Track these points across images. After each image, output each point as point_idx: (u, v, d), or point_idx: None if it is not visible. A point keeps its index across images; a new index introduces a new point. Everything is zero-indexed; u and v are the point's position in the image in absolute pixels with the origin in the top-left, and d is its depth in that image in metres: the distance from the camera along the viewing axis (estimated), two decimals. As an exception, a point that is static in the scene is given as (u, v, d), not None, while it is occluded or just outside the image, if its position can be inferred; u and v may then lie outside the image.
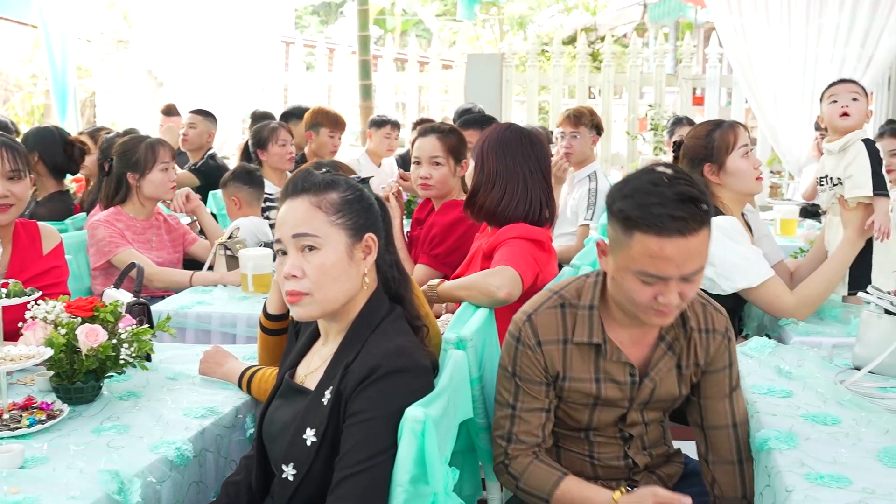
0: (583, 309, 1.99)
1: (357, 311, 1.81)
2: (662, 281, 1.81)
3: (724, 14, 6.35)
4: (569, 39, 16.26)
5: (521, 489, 1.99)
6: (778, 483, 1.71)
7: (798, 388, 2.19)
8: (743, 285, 2.78)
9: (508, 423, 2.01)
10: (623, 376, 1.99)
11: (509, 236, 2.68)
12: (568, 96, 8.90)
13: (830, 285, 2.83)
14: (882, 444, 1.84)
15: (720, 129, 2.93)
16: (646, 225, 1.78)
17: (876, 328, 2.31)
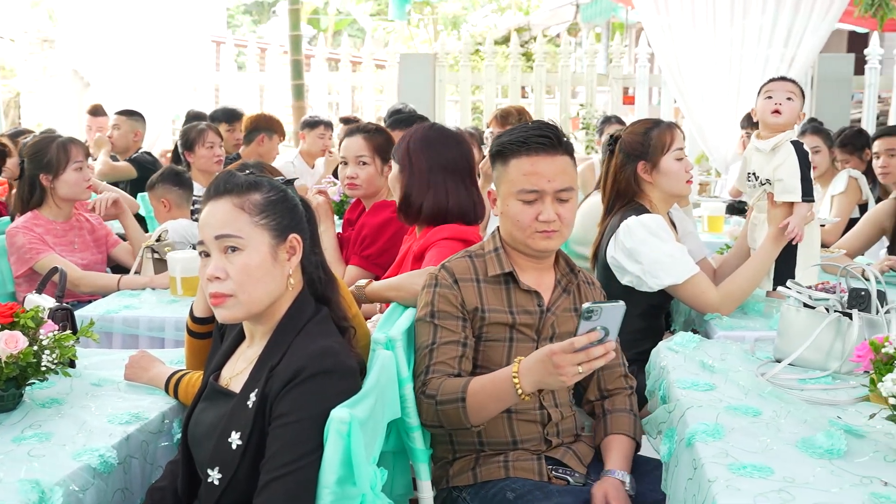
0: (489, 253, 2.26)
1: (282, 312, 1.80)
2: (539, 197, 2.15)
3: (652, 14, 6.45)
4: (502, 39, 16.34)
5: (439, 404, 2.06)
6: (701, 475, 1.74)
7: (721, 381, 2.23)
8: (669, 282, 2.83)
9: (427, 359, 2.13)
10: (532, 305, 2.23)
11: (440, 237, 2.69)
12: (501, 96, 8.95)
13: (754, 281, 2.90)
14: (801, 433, 1.88)
15: (658, 129, 2.98)
16: (517, 149, 2.18)
17: (795, 322, 2.37)
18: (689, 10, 6.34)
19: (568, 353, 1.83)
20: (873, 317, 2.31)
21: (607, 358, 1.85)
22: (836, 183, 4.89)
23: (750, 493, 1.61)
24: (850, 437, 1.85)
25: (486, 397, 2.02)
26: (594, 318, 1.83)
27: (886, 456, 1.78)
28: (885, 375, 1.74)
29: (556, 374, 1.86)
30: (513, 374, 1.95)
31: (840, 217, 4.71)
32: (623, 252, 2.89)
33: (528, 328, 2.22)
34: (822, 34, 6.36)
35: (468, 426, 2.06)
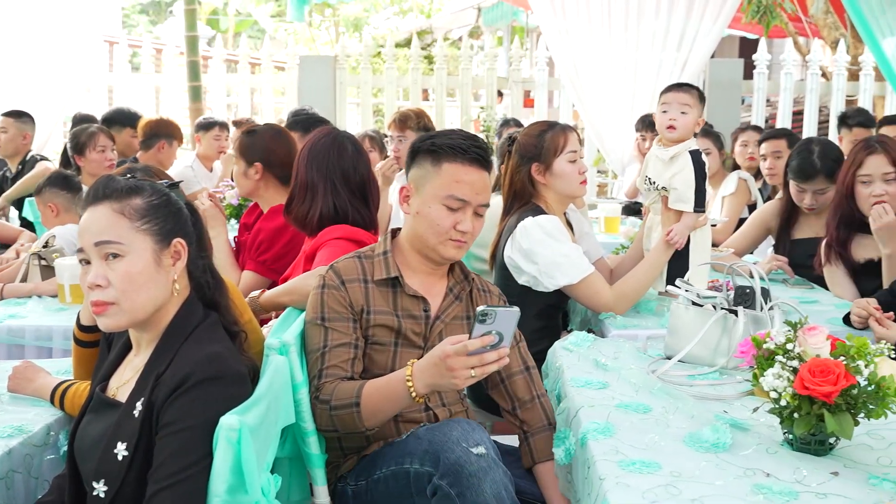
0: (378, 256, 2.26)
1: (169, 318, 1.76)
2: (463, 207, 2.18)
3: (550, 18, 6.53)
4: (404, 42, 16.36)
5: (333, 409, 2.05)
6: (593, 473, 1.76)
7: (613, 379, 2.28)
8: (564, 282, 2.88)
9: (319, 363, 2.12)
10: (418, 310, 2.24)
11: (330, 237, 2.67)
12: (403, 98, 8.94)
13: (647, 282, 2.97)
14: (688, 429, 1.93)
15: (552, 132, 3.02)
16: (454, 154, 2.18)
17: (684, 319, 2.43)
18: (586, 14, 6.45)
19: (461, 356, 1.84)
20: (758, 313, 2.39)
21: (500, 364, 1.86)
22: (727, 184, 5.04)
23: (639, 489, 1.64)
24: (735, 431, 1.91)
25: (380, 400, 2.02)
26: (489, 321, 1.84)
27: (769, 448, 1.84)
28: (767, 370, 1.80)
29: (450, 377, 1.86)
30: (406, 377, 1.95)
31: (730, 217, 4.86)
32: (520, 252, 2.93)
33: (415, 335, 2.22)
34: (713, 39, 6.55)
35: (363, 430, 2.06)
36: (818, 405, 1.72)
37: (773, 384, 1.77)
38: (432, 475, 1.95)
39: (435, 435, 2.00)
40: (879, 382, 1.73)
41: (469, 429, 2.00)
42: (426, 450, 1.99)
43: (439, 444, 1.97)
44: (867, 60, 7.89)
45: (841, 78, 7.98)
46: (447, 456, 1.93)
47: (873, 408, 1.73)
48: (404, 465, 2.04)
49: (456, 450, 1.93)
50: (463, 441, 1.95)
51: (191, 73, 8.66)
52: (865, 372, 1.73)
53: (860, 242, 3.29)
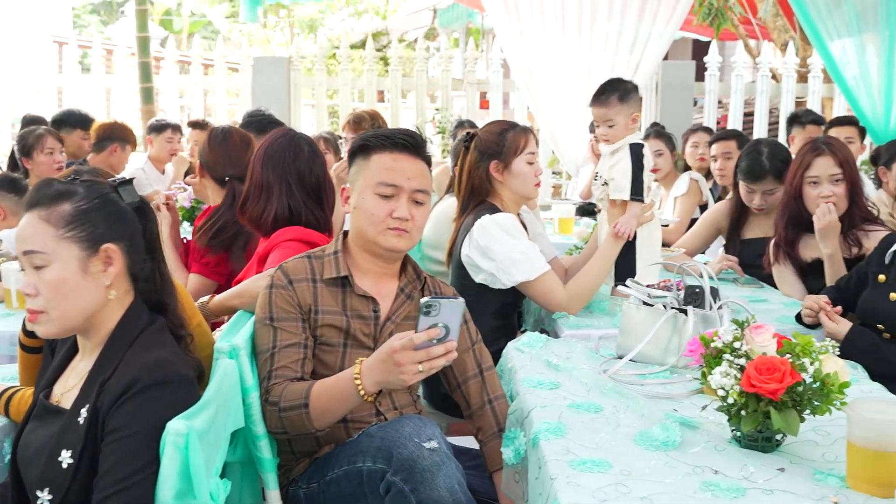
0: (328, 256, 2.26)
1: (113, 323, 1.73)
2: (396, 193, 2.18)
3: (504, 19, 6.55)
4: (360, 43, 16.31)
5: (283, 411, 2.04)
6: (545, 473, 1.77)
7: (565, 379, 2.29)
8: (521, 279, 2.90)
9: (268, 364, 2.10)
10: (367, 311, 2.23)
11: (283, 239, 2.65)
12: (358, 100, 8.92)
13: (598, 279, 2.99)
14: (638, 427, 1.95)
15: (513, 131, 3.06)
16: (382, 144, 2.22)
17: (635, 319, 2.45)
18: (540, 17, 6.47)
19: (408, 351, 1.85)
20: (707, 312, 2.42)
21: (448, 358, 1.86)
22: (678, 185, 5.10)
23: (589, 488, 1.65)
24: (684, 429, 1.93)
25: (329, 400, 2.02)
26: (433, 313, 1.84)
27: (717, 445, 1.86)
28: (714, 368, 1.82)
29: (398, 373, 1.87)
30: (355, 375, 1.95)
31: (681, 217, 4.92)
32: (477, 250, 2.94)
33: (364, 336, 2.21)
34: (665, 41, 6.61)
35: (313, 431, 2.05)
36: (765, 402, 1.75)
37: (720, 382, 1.79)
38: (385, 472, 1.94)
39: (387, 432, 2.00)
40: (824, 379, 1.76)
41: (421, 424, 2.00)
42: (378, 447, 1.98)
43: (391, 441, 1.96)
44: (816, 63, 8.02)
45: (790, 80, 8.11)
46: (400, 452, 1.93)
47: (818, 404, 1.76)
48: (357, 464, 2.03)
49: (409, 445, 1.93)
50: (415, 436, 1.95)
51: (142, 75, 8.55)
52: (811, 369, 1.76)
53: (808, 242, 3.35)
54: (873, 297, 2.83)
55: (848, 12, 6.53)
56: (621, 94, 3.13)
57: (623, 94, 3.13)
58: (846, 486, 1.68)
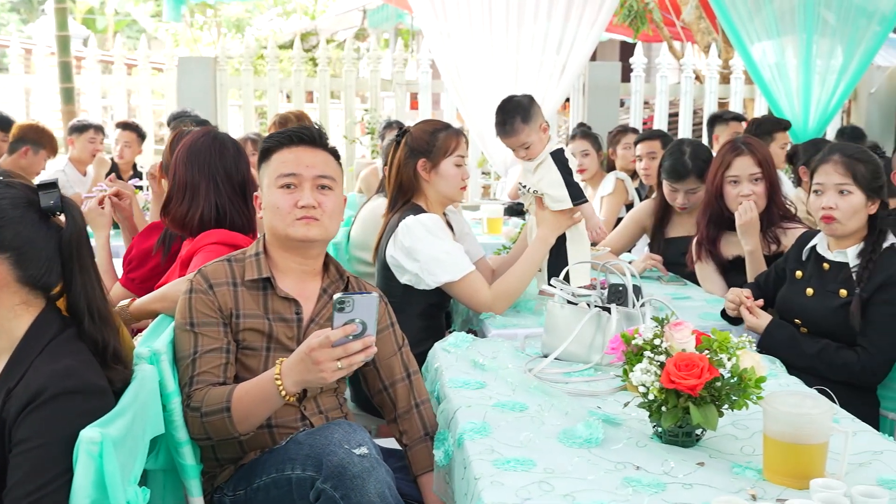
0: (250, 258, 2.23)
1: (20, 332, 1.67)
2: (298, 183, 2.17)
3: (431, 20, 6.54)
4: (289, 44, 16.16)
5: (204, 416, 2.02)
6: (469, 473, 1.77)
7: (491, 378, 2.29)
8: (445, 279, 2.90)
9: (190, 370, 2.07)
10: (289, 313, 2.20)
11: (206, 242, 2.60)
12: (286, 100, 8.83)
13: (524, 281, 3.00)
14: (562, 425, 1.96)
15: (445, 132, 3.07)
16: (279, 143, 2.23)
17: (560, 318, 2.47)
18: (467, 17, 6.48)
19: (325, 348, 1.84)
20: (630, 310, 2.45)
21: (367, 353, 1.86)
22: (605, 184, 5.17)
23: (513, 487, 1.66)
24: (607, 426, 1.95)
25: (251, 403, 2.00)
26: (347, 308, 1.84)
27: (639, 441, 1.89)
28: (635, 365, 1.84)
29: (317, 371, 1.86)
30: (275, 376, 1.94)
31: (608, 216, 4.98)
32: (402, 250, 2.94)
33: (287, 339, 2.19)
34: (591, 43, 6.68)
35: (236, 435, 2.02)
36: (684, 398, 1.77)
37: (641, 379, 1.81)
38: (315, 480, 1.92)
39: (316, 439, 1.98)
40: (741, 374, 1.80)
41: (350, 430, 1.99)
42: (307, 454, 1.96)
43: (321, 448, 1.94)
44: (737, 64, 8.20)
45: (713, 81, 8.27)
46: (329, 459, 1.91)
47: (736, 399, 1.79)
48: (285, 471, 2.00)
49: (338, 452, 1.91)
50: (345, 443, 1.93)
51: (62, 75, 8.34)
52: (728, 365, 1.80)
53: (729, 240, 3.41)
54: (791, 293, 2.90)
55: (767, 16, 6.70)
56: (523, 115, 3.06)
57: (525, 115, 3.06)
58: (763, 478, 1.71)
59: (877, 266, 2.67)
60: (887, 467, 1.77)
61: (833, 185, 2.71)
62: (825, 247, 2.83)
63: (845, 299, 2.71)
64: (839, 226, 2.71)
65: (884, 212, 2.76)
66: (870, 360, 2.65)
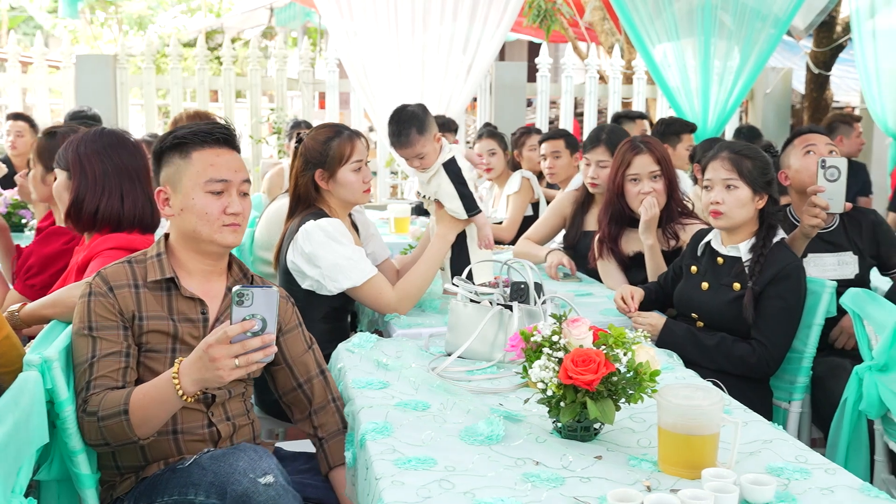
0: (151, 258, 2.18)
1: None
2: (227, 188, 2.13)
3: (336, 19, 6.50)
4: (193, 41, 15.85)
5: (102, 420, 1.95)
6: (371, 474, 1.77)
7: (394, 378, 2.29)
8: (347, 285, 2.88)
9: (87, 374, 2.01)
10: (195, 313, 2.16)
11: (105, 247, 2.53)
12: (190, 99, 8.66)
13: (426, 280, 3.01)
14: (464, 423, 1.98)
15: (338, 139, 3.00)
16: (200, 140, 2.14)
17: (463, 316, 2.49)
18: (373, 17, 6.45)
19: (223, 345, 1.80)
20: (532, 308, 2.48)
21: (267, 352, 1.83)
22: (511, 183, 5.21)
23: (413, 486, 1.66)
24: (508, 423, 1.97)
25: (149, 405, 1.95)
26: (246, 303, 1.80)
27: (539, 437, 1.91)
28: (534, 362, 1.86)
29: (213, 369, 1.82)
30: (173, 375, 1.89)
31: (514, 215, 5.03)
32: (302, 256, 2.90)
33: (193, 339, 2.14)
34: (497, 43, 6.73)
35: (135, 439, 1.96)
36: (581, 393, 1.80)
37: (539, 375, 1.83)
38: None
39: (220, 466, 1.94)
40: (637, 369, 1.83)
41: (256, 457, 1.96)
42: (212, 482, 1.93)
43: (225, 476, 1.91)
44: (640, 65, 8.37)
45: (617, 81, 8.43)
46: (234, 488, 1.88)
47: (632, 393, 1.83)
48: (188, 495, 1.97)
49: (243, 481, 1.88)
50: (250, 471, 1.90)
51: (-49, 73, 8.03)
52: (624, 360, 1.83)
53: (629, 237, 3.49)
54: (687, 288, 2.98)
55: (668, 19, 6.86)
56: (418, 126, 3.03)
57: (420, 125, 3.03)
58: (658, 469, 1.75)
59: (767, 260, 2.77)
60: (776, 455, 1.84)
61: (720, 180, 2.80)
62: (719, 242, 2.92)
63: (739, 293, 2.79)
64: (726, 219, 2.81)
65: (774, 207, 2.86)
66: (764, 353, 2.75)
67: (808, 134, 3.35)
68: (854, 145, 6.33)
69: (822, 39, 8.74)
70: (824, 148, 3.27)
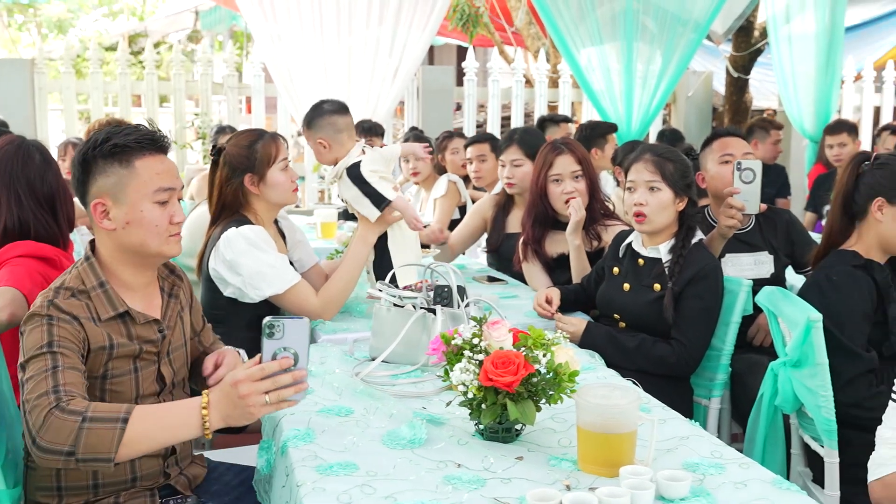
0: (94, 290, 2.03)
1: None
2: (171, 197, 2.05)
3: (260, 22, 6.44)
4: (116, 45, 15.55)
5: (90, 421, 1.76)
6: (291, 481, 1.76)
7: (318, 384, 2.28)
8: (269, 293, 2.85)
9: (51, 380, 1.82)
10: (153, 334, 2.10)
11: (13, 255, 2.47)
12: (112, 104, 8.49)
13: (349, 284, 3.00)
14: (387, 427, 1.98)
15: (262, 141, 2.98)
16: (141, 148, 2.02)
17: (386, 320, 2.49)
18: (298, 21, 6.41)
19: (255, 381, 1.73)
20: (455, 311, 2.49)
21: (299, 388, 1.76)
22: (438, 187, 5.22)
23: (335, 492, 1.66)
24: (431, 426, 1.98)
25: (155, 424, 1.81)
26: (277, 334, 1.73)
27: (461, 440, 1.92)
28: (455, 365, 1.87)
29: (243, 406, 1.74)
30: (202, 406, 1.79)
31: (440, 218, 5.04)
32: (224, 264, 2.87)
33: (151, 354, 2.10)
34: (422, 47, 6.75)
35: (110, 457, 1.76)
36: (502, 395, 1.82)
37: (460, 378, 1.84)
38: None
39: None
40: (557, 369, 1.86)
41: None
42: None
43: None
44: (565, 69, 8.46)
45: (543, 85, 8.51)
46: None
47: (552, 393, 1.85)
48: None
49: None
50: None
51: None
52: (544, 361, 1.85)
53: (553, 238, 3.53)
54: (609, 289, 3.02)
55: (591, 24, 6.96)
56: (307, 121, 3.27)
57: (308, 121, 3.26)
58: (578, 468, 1.78)
59: (686, 261, 2.82)
60: (692, 451, 1.88)
61: (644, 182, 2.85)
62: (640, 243, 2.97)
63: (659, 293, 2.85)
64: (649, 223, 2.86)
65: (693, 209, 2.92)
66: (684, 353, 2.80)
67: (725, 138, 3.42)
68: (770, 151, 6.48)
69: (741, 44, 8.96)
70: (741, 153, 3.33)
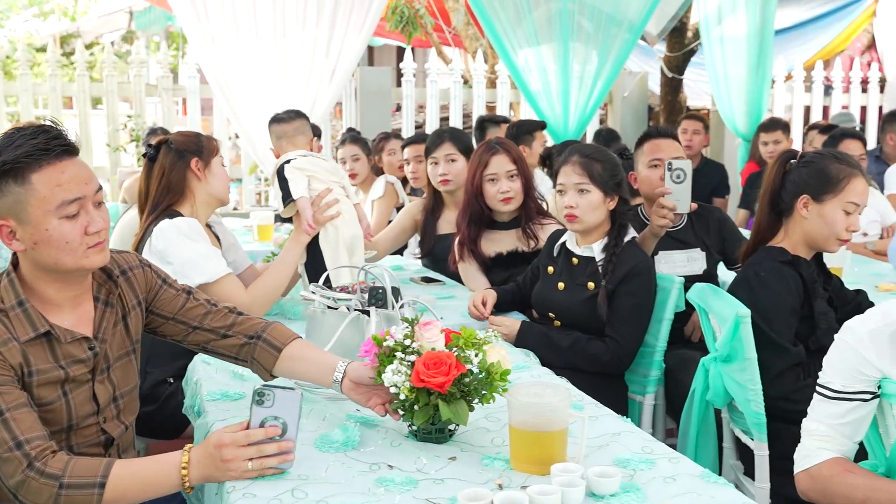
0: (13, 309, 1.87)
1: None
2: (83, 206, 1.85)
3: (194, 23, 6.34)
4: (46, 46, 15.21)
5: (67, 488, 1.70)
6: (222, 487, 1.74)
7: (250, 389, 2.21)
8: (200, 281, 2.82)
9: (7, 433, 1.73)
10: (83, 352, 1.94)
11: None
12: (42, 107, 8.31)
13: (279, 281, 3.00)
14: (320, 431, 1.97)
15: (206, 136, 3.09)
16: (36, 159, 1.80)
17: (321, 323, 2.47)
18: (232, 21, 6.32)
19: (239, 447, 1.72)
20: (390, 312, 2.47)
21: (285, 459, 1.74)
22: (375, 188, 5.21)
23: (265, 497, 1.65)
24: (364, 428, 1.97)
25: (134, 485, 1.75)
26: (266, 402, 1.73)
27: (394, 441, 1.92)
28: (387, 367, 1.87)
29: (224, 469, 1.72)
30: (182, 465, 1.75)
31: (379, 220, 5.02)
32: (156, 255, 2.86)
33: (82, 374, 1.94)
34: (359, 48, 6.71)
35: None
36: (434, 396, 1.82)
37: (392, 380, 1.84)
38: None
39: None
40: (489, 368, 1.86)
41: None
42: None
43: None
44: (503, 70, 8.50)
45: (481, 85, 8.54)
46: None
47: (484, 393, 1.86)
48: None
49: None
50: None
51: None
52: (476, 360, 1.85)
53: (489, 238, 3.54)
54: (544, 288, 3.04)
55: (528, 26, 7.00)
56: None
57: None
58: (510, 467, 1.78)
59: (619, 259, 2.86)
60: (624, 447, 1.90)
61: (573, 184, 2.88)
62: (574, 242, 3.00)
63: (593, 291, 2.87)
64: (580, 223, 2.89)
65: (625, 207, 2.96)
66: (618, 350, 2.83)
67: (656, 140, 3.46)
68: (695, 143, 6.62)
69: (675, 44, 9.09)
70: (671, 154, 3.38)
